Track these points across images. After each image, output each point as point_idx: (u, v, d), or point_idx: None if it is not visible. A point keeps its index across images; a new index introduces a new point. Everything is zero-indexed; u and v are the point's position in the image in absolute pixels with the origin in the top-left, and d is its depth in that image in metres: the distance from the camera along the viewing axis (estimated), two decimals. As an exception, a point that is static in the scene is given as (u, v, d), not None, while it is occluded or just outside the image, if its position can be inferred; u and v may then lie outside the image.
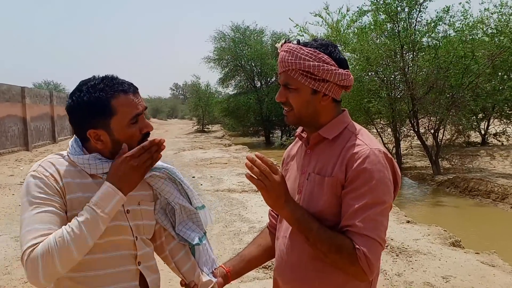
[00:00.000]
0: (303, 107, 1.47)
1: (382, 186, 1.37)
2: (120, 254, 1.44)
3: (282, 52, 1.47)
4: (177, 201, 1.59)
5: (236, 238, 5.86)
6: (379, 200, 1.36)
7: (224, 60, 29.61)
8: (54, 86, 58.68)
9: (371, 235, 1.33)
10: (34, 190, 1.33)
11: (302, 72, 1.43)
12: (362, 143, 1.43)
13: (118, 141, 1.42)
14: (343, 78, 1.44)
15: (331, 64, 1.43)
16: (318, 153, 1.50)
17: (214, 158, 15.79)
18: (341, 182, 1.40)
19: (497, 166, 12.76)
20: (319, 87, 1.44)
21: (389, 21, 12.09)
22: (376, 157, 1.38)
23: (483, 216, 8.76)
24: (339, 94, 1.50)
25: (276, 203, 1.39)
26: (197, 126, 37.66)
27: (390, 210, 1.43)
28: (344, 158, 1.41)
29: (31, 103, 20.42)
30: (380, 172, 1.37)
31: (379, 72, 12.87)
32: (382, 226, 1.36)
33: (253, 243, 1.81)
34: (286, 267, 1.54)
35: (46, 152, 18.97)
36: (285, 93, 1.49)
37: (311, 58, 1.42)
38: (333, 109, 1.51)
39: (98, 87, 1.40)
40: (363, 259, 1.31)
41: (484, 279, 4.44)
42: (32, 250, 1.24)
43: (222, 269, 1.72)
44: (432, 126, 12.54)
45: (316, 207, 1.44)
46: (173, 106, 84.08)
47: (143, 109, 1.46)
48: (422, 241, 5.71)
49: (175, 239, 1.64)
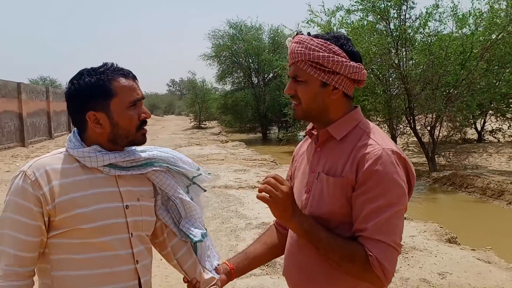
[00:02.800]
0: (311, 100, 1.42)
1: (396, 187, 1.31)
2: (116, 254, 1.42)
3: (293, 44, 1.42)
4: (177, 195, 1.59)
5: (233, 235, 5.86)
6: (392, 202, 1.30)
7: (221, 57, 29.61)
8: (50, 82, 58.43)
9: (385, 240, 1.28)
10: (15, 195, 1.36)
11: (312, 63, 1.38)
12: (374, 142, 1.36)
13: (117, 124, 1.43)
14: (354, 71, 1.38)
15: (342, 56, 1.38)
16: (328, 151, 1.45)
17: (211, 154, 15.78)
18: (352, 183, 1.35)
19: (493, 163, 12.81)
20: (329, 80, 1.39)
21: (379, 21, 12.10)
22: (388, 158, 1.32)
23: (479, 212, 8.79)
24: (351, 89, 1.44)
25: (283, 215, 1.35)
26: (194, 122, 37.61)
27: (405, 212, 1.39)
28: (355, 158, 1.35)
29: (27, 99, 20.35)
30: (393, 173, 1.31)
31: (374, 69, 12.86)
32: (397, 229, 1.31)
33: (258, 240, 1.78)
34: (294, 269, 1.52)
35: (42, 148, 18.91)
36: (294, 85, 1.44)
37: (321, 49, 1.37)
38: (343, 105, 1.45)
39: (99, 71, 1.43)
40: (377, 266, 1.27)
41: (480, 275, 4.46)
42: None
43: (226, 265, 1.70)
44: (429, 123, 12.56)
45: (325, 208, 1.40)
46: (170, 102, 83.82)
47: (142, 96, 1.48)
48: (418, 237, 5.73)
49: (176, 235, 1.64)
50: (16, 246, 1.34)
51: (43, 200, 1.35)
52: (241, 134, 30.01)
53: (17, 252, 1.33)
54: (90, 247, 1.38)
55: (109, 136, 1.44)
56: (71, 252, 1.38)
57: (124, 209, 1.45)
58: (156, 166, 1.53)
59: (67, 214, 1.35)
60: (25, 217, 1.34)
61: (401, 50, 12.34)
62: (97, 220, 1.39)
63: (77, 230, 1.37)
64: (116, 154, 1.44)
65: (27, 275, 1.36)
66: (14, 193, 1.36)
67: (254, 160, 14.35)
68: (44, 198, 1.35)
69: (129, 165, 1.48)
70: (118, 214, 1.44)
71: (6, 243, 1.34)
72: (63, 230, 1.37)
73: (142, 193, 1.52)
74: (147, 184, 1.55)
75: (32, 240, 1.35)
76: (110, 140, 1.45)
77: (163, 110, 76.56)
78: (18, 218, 1.34)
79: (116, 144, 1.46)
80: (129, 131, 1.44)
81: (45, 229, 1.37)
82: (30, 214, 1.35)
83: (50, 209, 1.35)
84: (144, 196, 1.53)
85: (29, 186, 1.35)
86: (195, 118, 37.59)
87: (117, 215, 1.43)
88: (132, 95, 1.44)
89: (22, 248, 1.34)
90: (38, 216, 1.35)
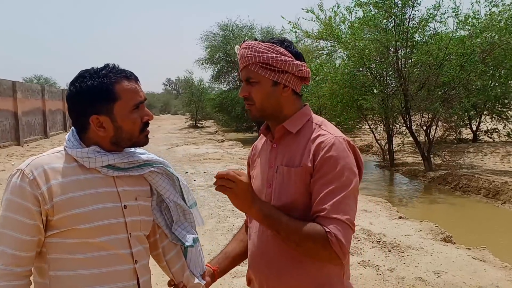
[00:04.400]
0: (265, 99, 1.52)
1: (348, 171, 1.42)
2: (115, 253, 1.42)
3: (242, 50, 1.52)
4: (172, 198, 1.59)
5: (229, 234, 5.86)
6: (346, 184, 1.40)
7: (215, 58, 29.73)
8: (45, 81, 58.18)
9: (341, 218, 1.36)
10: (13, 194, 1.35)
11: (262, 65, 1.48)
12: (327, 132, 1.48)
13: (121, 128, 1.42)
14: (300, 68, 1.50)
15: (288, 56, 1.50)
16: (285, 146, 1.55)
17: (207, 153, 15.76)
18: (309, 171, 1.45)
19: (488, 162, 12.87)
20: (279, 78, 1.50)
21: (383, 16, 12.09)
22: (340, 145, 1.44)
23: (474, 212, 8.84)
24: (299, 86, 1.56)
25: (244, 204, 1.40)
26: (190, 121, 37.55)
27: (358, 195, 1.47)
28: (311, 148, 1.46)
29: (22, 97, 20.23)
30: (346, 158, 1.43)
31: (372, 68, 12.89)
32: (351, 209, 1.40)
33: (234, 239, 1.84)
34: (262, 262, 1.56)
35: (38, 147, 18.82)
36: (247, 88, 1.53)
37: (269, 51, 1.48)
38: (294, 102, 1.56)
39: (101, 73, 1.41)
40: (335, 242, 1.34)
41: (475, 274, 4.49)
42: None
43: (208, 268, 1.73)
44: (425, 123, 12.60)
45: (288, 198, 1.48)
46: (166, 101, 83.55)
47: (144, 98, 1.48)
48: (414, 236, 5.75)
49: (168, 237, 1.63)
50: (13, 245, 1.33)
51: (41, 199, 1.34)
52: (237, 134, 29.98)
53: (15, 252, 1.32)
54: (89, 247, 1.37)
55: (112, 139, 1.43)
56: (68, 252, 1.37)
57: (123, 209, 1.45)
58: (154, 167, 1.53)
59: (65, 213, 1.35)
60: (23, 216, 1.33)
61: (400, 49, 12.36)
62: (96, 220, 1.38)
63: (74, 230, 1.36)
64: (115, 156, 1.44)
65: (25, 275, 1.36)
66: (12, 192, 1.35)
67: (251, 159, 14.32)
68: (42, 197, 1.34)
69: (127, 166, 1.47)
70: (116, 214, 1.43)
71: (4, 243, 1.33)
72: (60, 230, 1.36)
73: (139, 193, 1.52)
74: (144, 184, 1.55)
75: (29, 239, 1.34)
76: (113, 142, 1.44)
77: (159, 109, 76.36)
78: (16, 217, 1.33)
79: (117, 146, 1.45)
80: (133, 134, 1.44)
81: (43, 228, 1.37)
82: (28, 213, 1.34)
83: (48, 209, 1.35)
84: (141, 195, 1.52)
85: (27, 185, 1.34)
86: (191, 117, 37.53)
87: (116, 215, 1.43)
88: (135, 98, 1.43)
89: (19, 248, 1.33)
90: (36, 215, 1.34)
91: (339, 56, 14.58)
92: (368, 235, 5.72)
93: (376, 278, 4.38)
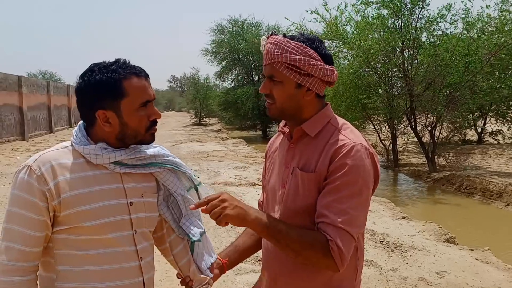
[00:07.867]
0: (286, 101, 1.47)
1: (361, 180, 1.38)
2: (121, 250, 1.42)
3: (268, 44, 1.46)
4: (179, 192, 1.58)
5: (232, 231, 5.87)
6: (355, 193, 1.37)
7: (221, 54, 29.60)
8: (49, 76, 58.33)
9: (345, 228, 1.34)
10: (21, 190, 1.35)
11: (288, 66, 1.42)
12: (345, 138, 1.43)
13: (126, 124, 1.41)
14: (327, 74, 1.45)
15: (317, 59, 1.43)
16: (302, 147, 1.51)
17: (211, 151, 15.79)
18: (324, 175, 1.41)
19: (493, 164, 12.83)
20: (304, 82, 1.44)
21: (392, 17, 12.04)
22: (357, 152, 1.39)
23: (478, 213, 8.81)
24: (323, 89, 1.51)
25: (240, 218, 1.36)
26: (194, 119, 37.54)
27: (369, 206, 1.44)
28: (328, 153, 1.42)
29: (28, 92, 20.34)
30: (360, 167, 1.38)
31: (378, 68, 12.84)
32: (357, 220, 1.37)
33: (246, 232, 1.81)
34: (275, 262, 1.55)
35: (43, 142, 18.92)
36: (269, 85, 1.48)
37: (298, 52, 1.41)
38: (316, 104, 1.51)
39: (111, 68, 1.39)
40: (335, 250, 1.32)
41: (478, 275, 4.48)
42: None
43: (218, 260, 1.72)
44: (429, 124, 12.56)
45: (301, 202, 1.45)
46: (171, 99, 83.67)
47: (153, 96, 1.46)
48: (417, 237, 5.75)
49: (175, 232, 1.64)
50: (21, 241, 1.33)
51: (49, 195, 1.34)
52: (242, 131, 29.99)
53: (22, 247, 1.33)
54: (95, 244, 1.37)
55: (118, 135, 1.43)
56: (74, 248, 1.37)
57: (128, 206, 1.44)
58: (161, 168, 1.52)
59: (73, 210, 1.35)
60: (31, 212, 1.33)
61: (407, 50, 12.30)
62: (101, 217, 1.38)
63: (80, 227, 1.36)
64: (122, 152, 1.43)
65: (32, 270, 1.36)
66: (19, 188, 1.35)
67: (254, 157, 14.36)
68: (50, 193, 1.34)
69: (134, 163, 1.47)
70: (122, 211, 1.43)
71: (11, 238, 1.33)
72: (67, 226, 1.37)
73: (146, 189, 1.51)
74: (150, 180, 1.54)
75: (37, 235, 1.35)
76: (118, 138, 1.43)
77: (163, 106, 76.50)
78: (24, 212, 1.33)
79: (123, 142, 1.45)
80: (138, 131, 1.43)
81: (50, 224, 1.37)
82: (36, 209, 1.34)
83: (55, 205, 1.35)
84: (148, 192, 1.52)
85: (35, 180, 1.33)
86: (196, 115, 37.54)
87: (122, 212, 1.43)
88: (143, 96, 1.41)
89: (27, 243, 1.33)
90: (44, 211, 1.34)
91: (345, 56, 14.51)
92: (371, 235, 5.72)
93: (379, 277, 4.39)
